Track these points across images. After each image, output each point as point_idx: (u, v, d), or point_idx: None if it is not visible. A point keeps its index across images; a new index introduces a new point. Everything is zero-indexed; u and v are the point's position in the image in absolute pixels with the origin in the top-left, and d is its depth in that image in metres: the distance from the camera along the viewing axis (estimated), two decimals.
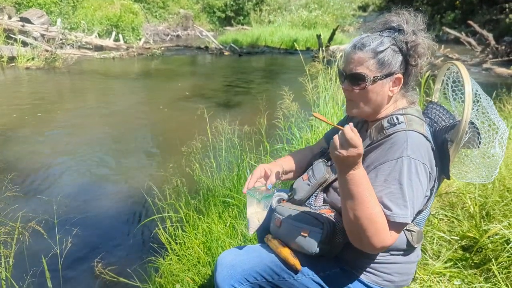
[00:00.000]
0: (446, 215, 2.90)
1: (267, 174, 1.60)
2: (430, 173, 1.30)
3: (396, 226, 1.25)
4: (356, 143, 1.17)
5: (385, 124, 1.37)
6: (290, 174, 1.72)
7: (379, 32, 1.38)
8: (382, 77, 1.35)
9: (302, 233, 1.43)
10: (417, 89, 1.50)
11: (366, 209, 1.21)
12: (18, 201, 2.13)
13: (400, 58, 1.34)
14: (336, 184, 1.45)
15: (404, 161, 1.25)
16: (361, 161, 1.25)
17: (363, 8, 40.61)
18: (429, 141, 1.33)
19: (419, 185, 1.26)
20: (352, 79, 1.37)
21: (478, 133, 1.36)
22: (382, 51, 1.33)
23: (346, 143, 1.18)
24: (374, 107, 1.41)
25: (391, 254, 1.42)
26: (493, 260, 2.26)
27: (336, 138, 1.21)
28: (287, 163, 1.72)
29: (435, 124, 1.48)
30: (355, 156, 1.18)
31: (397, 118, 1.36)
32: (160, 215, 2.84)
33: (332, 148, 1.22)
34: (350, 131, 1.17)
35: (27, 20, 12.56)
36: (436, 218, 2.85)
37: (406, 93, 1.43)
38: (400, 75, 1.36)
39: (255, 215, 1.55)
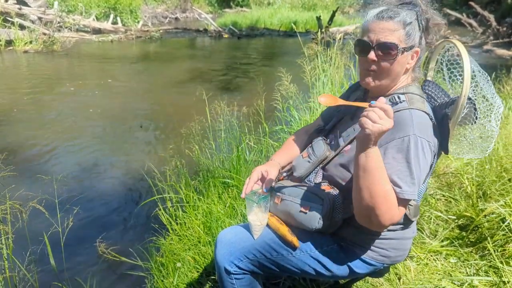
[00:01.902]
0: (443, 195, 2.93)
1: (264, 177, 1.60)
2: (433, 151, 1.33)
3: (403, 203, 1.29)
4: (392, 114, 1.16)
5: (387, 103, 1.36)
6: (290, 165, 1.70)
7: (396, 6, 1.36)
8: (407, 49, 1.35)
9: (302, 209, 1.45)
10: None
11: (382, 186, 1.22)
12: (18, 181, 2.16)
13: (419, 33, 1.36)
14: (335, 161, 1.48)
15: (411, 139, 1.27)
16: None
17: None
18: (431, 119, 1.36)
19: (425, 163, 1.30)
20: (383, 48, 1.34)
21: (475, 109, 1.38)
22: (409, 23, 1.34)
23: (385, 115, 1.15)
24: (394, 79, 1.41)
25: (388, 230, 1.45)
26: (488, 238, 2.29)
27: (370, 113, 1.16)
28: (285, 157, 1.71)
29: (433, 100, 1.50)
30: (388, 128, 1.16)
31: (398, 97, 1.39)
32: (161, 196, 2.87)
33: (367, 124, 1.16)
34: (384, 103, 1.16)
35: (24, 3, 12.41)
36: (434, 198, 2.88)
37: (416, 68, 1.46)
38: (418, 49, 1.39)
39: (256, 218, 1.55)
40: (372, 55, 1.35)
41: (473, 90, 1.37)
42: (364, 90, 1.58)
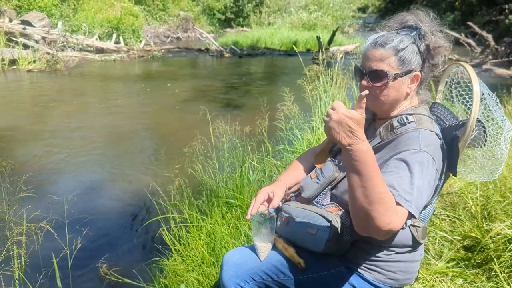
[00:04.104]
0: (448, 215, 2.92)
1: (270, 198, 1.58)
2: (437, 169, 1.32)
3: (401, 208, 1.20)
4: (339, 106, 1.15)
5: (395, 123, 1.41)
6: (297, 186, 1.70)
7: (396, 31, 1.40)
8: (402, 74, 1.37)
9: (309, 231, 1.45)
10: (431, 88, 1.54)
11: (375, 186, 1.14)
12: (22, 200, 2.17)
13: (418, 56, 1.38)
14: (344, 183, 1.47)
15: (417, 153, 1.28)
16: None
17: (363, 9, 40.84)
18: (440, 139, 1.36)
19: (427, 178, 1.28)
20: (373, 75, 1.38)
21: (485, 131, 1.39)
22: (403, 49, 1.36)
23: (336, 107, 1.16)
24: (392, 103, 1.44)
25: (396, 253, 1.44)
26: (495, 259, 2.27)
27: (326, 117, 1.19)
28: (291, 177, 1.71)
29: (442, 122, 1.52)
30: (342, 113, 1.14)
31: (406, 118, 1.40)
32: (164, 216, 2.86)
33: (326, 126, 1.18)
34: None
35: (28, 23, 12.58)
36: (438, 218, 2.87)
37: (419, 90, 1.48)
38: (418, 73, 1.40)
39: (262, 239, 1.55)
40: (364, 81, 1.40)
41: (483, 112, 1.38)
42: (372, 112, 1.59)
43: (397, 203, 1.20)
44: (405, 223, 1.30)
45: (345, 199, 1.46)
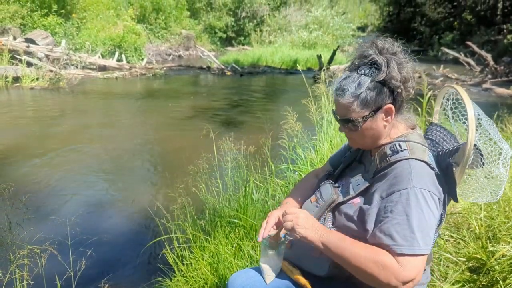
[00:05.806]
0: (452, 236, 2.90)
1: (280, 221, 1.56)
2: (438, 199, 1.31)
3: (407, 257, 1.22)
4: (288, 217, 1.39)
5: (388, 151, 1.39)
6: None
7: (356, 70, 1.39)
8: (371, 114, 1.37)
9: (313, 255, 1.44)
10: (412, 109, 1.54)
11: (364, 254, 1.26)
12: (24, 220, 2.16)
13: (384, 90, 1.35)
14: (343, 209, 1.46)
15: (410, 192, 1.26)
16: (359, 202, 1.40)
17: (362, 28, 41.34)
18: (433, 169, 1.34)
19: (430, 213, 1.26)
20: (344, 123, 1.44)
21: (481, 154, 1.37)
22: (360, 93, 1.35)
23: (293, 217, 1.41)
24: (373, 140, 1.44)
25: None
26: (500, 282, 2.25)
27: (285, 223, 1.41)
28: (299, 201, 1.71)
29: (437, 145, 1.50)
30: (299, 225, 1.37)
31: (399, 145, 1.38)
32: (168, 236, 2.84)
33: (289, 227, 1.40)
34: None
35: (32, 41, 12.75)
36: (442, 239, 2.85)
37: (401, 116, 1.45)
38: (389, 106, 1.37)
39: (271, 262, 1.55)
40: (340, 128, 1.50)
41: (479, 138, 1.38)
42: None
43: (401, 254, 1.22)
44: None
45: (344, 226, 1.44)
